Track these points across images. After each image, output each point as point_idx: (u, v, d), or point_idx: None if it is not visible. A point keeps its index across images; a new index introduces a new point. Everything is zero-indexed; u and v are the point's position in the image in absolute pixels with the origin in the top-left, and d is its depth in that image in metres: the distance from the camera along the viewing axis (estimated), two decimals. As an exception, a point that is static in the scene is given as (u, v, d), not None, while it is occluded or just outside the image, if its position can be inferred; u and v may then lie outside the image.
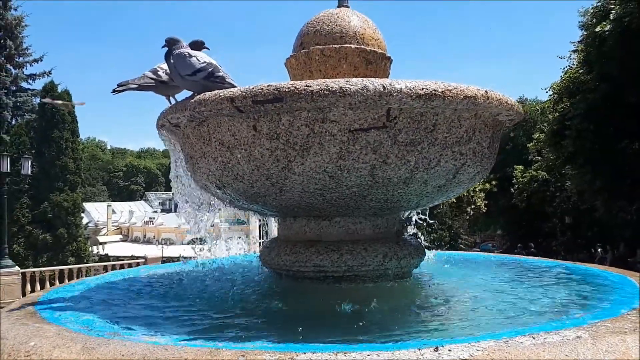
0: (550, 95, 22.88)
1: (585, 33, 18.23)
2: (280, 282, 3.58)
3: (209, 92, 2.85)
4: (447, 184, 3.11)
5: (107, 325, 2.46)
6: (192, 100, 2.91)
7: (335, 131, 2.72)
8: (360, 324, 2.47)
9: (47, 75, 27.05)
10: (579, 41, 19.66)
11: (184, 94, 3.30)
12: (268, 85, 2.67)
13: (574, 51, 20.35)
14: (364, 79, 2.64)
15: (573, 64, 20.71)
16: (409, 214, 4.27)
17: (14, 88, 26.33)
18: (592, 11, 17.85)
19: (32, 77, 27.21)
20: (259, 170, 2.91)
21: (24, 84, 27.02)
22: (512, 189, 33.69)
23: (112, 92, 3.09)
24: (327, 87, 2.59)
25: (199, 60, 3.05)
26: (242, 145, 2.87)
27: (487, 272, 4.12)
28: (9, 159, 16.34)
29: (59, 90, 22.55)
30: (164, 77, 3.23)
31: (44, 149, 21.54)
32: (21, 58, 26.89)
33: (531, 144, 30.63)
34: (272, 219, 4.67)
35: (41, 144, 21.73)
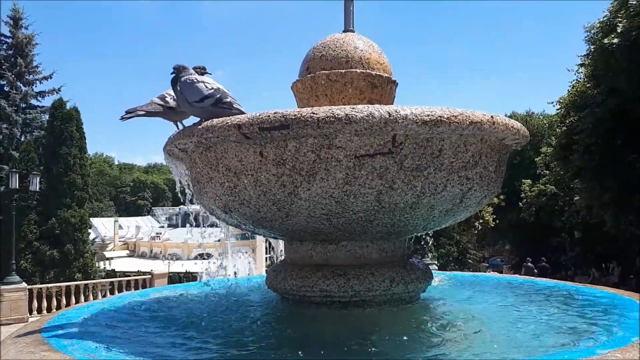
0: (558, 110, 22.84)
1: (592, 47, 18.24)
2: (286, 306, 3.56)
3: (217, 119, 2.87)
4: (454, 208, 3.10)
5: (113, 354, 2.45)
6: (200, 127, 2.93)
7: (341, 157, 2.73)
8: (367, 351, 2.45)
9: (57, 92, 27.39)
10: (585, 55, 19.66)
11: (192, 119, 3.33)
12: (275, 113, 2.69)
13: (581, 65, 20.34)
14: (370, 105, 2.65)
15: (580, 78, 20.69)
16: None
17: (24, 105, 26.63)
18: (598, 25, 17.88)
19: (42, 94, 27.54)
20: (265, 196, 2.92)
21: (34, 101, 27.35)
22: (520, 203, 33.47)
23: (120, 119, 3.11)
24: (333, 114, 2.61)
25: (206, 87, 3.07)
26: (249, 170, 2.89)
27: (495, 294, 4.08)
28: (17, 175, 16.48)
29: (68, 107, 22.81)
30: (172, 103, 3.26)
31: (52, 165, 21.71)
32: (31, 76, 27.23)
33: (539, 158, 30.52)
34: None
35: (50, 160, 21.91)
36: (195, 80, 3.11)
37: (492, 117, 2.87)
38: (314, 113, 2.63)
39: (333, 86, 3.74)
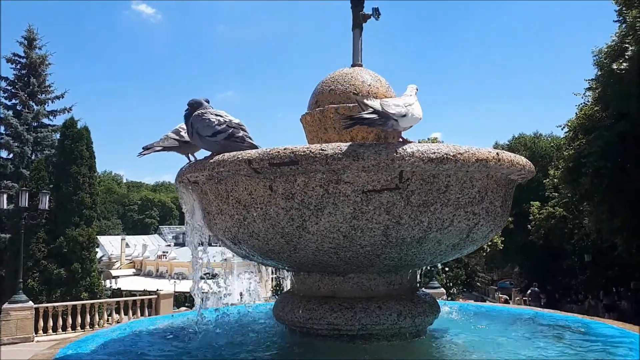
0: (566, 133, 22.83)
1: (600, 72, 18.29)
2: (293, 338, 3.56)
3: (228, 154, 2.93)
4: (461, 242, 3.13)
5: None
6: (212, 161, 3.00)
7: (349, 192, 2.78)
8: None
9: (68, 111, 27.75)
10: (593, 79, 19.71)
11: (203, 151, 3.40)
12: (284, 149, 2.75)
13: (589, 89, 20.39)
14: (377, 143, 2.71)
15: (588, 101, 20.72)
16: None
17: (35, 124, 27.02)
18: (606, 50, 17.97)
19: (53, 113, 27.89)
20: (274, 229, 2.97)
21: (45, 120, 27.69)
22: (529, 226, 33.20)
23: (138, 156, 3.21)
24: (341, 151, 2.67)
25: (219, 121, 3.14)
26: (258, 204, 2.94)
27: (503, 327, 4.06)
28: (27, 193, 16.63)
29: (79, 126, 23.10)
30: (186, 137, 3.34)
31: (62, 184, 21.91)
32: (43, 95, 27.66)
33: (547, 180, 30.38)
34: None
35: (59, 179, 22.13)
36: (209, 114, 3.18)
37: (497, 154, 2.91)
38: (322, 149, 2.68)
39: (341, 119, 3.80)
